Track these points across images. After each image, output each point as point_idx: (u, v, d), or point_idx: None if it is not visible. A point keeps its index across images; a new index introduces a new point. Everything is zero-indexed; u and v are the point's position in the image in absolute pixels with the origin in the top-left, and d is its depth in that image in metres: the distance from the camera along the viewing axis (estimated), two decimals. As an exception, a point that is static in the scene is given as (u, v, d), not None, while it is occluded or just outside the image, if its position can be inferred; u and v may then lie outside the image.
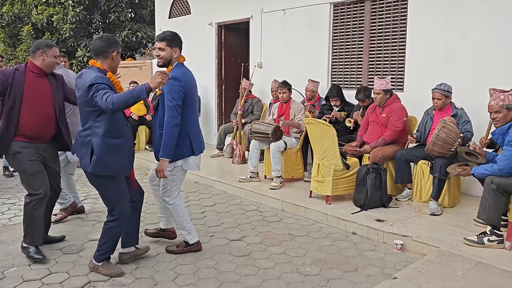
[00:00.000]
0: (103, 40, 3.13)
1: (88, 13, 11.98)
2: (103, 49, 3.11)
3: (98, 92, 2.89)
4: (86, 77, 3.00)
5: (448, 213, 4.43)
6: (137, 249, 3.55)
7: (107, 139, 3.05)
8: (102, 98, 2.85)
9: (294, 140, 5.69)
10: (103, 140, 3.03)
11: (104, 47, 3.11)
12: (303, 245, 3.89)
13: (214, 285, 3.16)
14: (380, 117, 5.00)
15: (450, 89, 4.57)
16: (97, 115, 3.02)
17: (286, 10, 7.01)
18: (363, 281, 3.23)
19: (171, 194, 3.55)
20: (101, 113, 3.01)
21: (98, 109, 2.98)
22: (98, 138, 3.03)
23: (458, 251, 3.50)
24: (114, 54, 3.15)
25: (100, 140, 3.03)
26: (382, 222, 4.15)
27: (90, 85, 2.94)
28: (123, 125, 3.18)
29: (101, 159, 3.04)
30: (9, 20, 12.23)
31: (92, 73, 3.02)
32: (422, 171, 4.68)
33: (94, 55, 3.15)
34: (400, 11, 5.66)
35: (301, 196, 5.04)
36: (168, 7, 9.57)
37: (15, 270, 3.33)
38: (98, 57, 3.13)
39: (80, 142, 3.13)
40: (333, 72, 6.57)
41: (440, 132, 4.26)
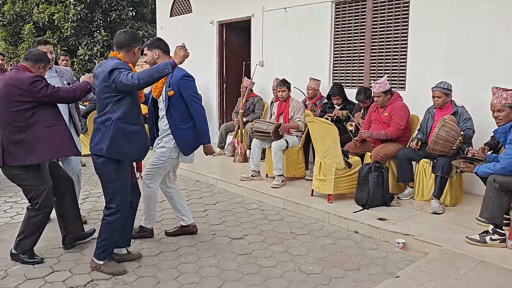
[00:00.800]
0: (128, 35, 3.23)
1: (89, 11, 11.98)
2: (127, 43, 3.20)
3: (121, 73, 2.97)
4: (108, 64, 3.08)
5: (450, 211, 4.43)
6: (129, 253, 3.53)
7: (123, 124, 3.10)
8: (128, 76, 2.94)
9: (295, 139, 5.69)
10: (119, 125, 3.08)
11: (128, 41, 3.21)
12: (305, 244, 3.89)
13: (217, 284, 3.16)
14: (382, 116, 5.00)
15: (450, 87, 4.57)
16: (116, 100, 3.08)
17: (287, 9, 7.01)
18: (365, 280, 3.24)
19: (154, 178, 3.74)
20: (120, 99, 3.07)
21: (117, 94, 3.05)
22: (115, 123, 3.08)
23: (460, 250, 3.50)
24: (136, 49, 3.25)
25: (117, 125, 3.08)
26: (384, 221, 4.16)
27: (112, 69, 3.01)
28: (139, 113, 3.24)
29: (115, 142, 3.08)
30: (10, 18, 12.24)
31: (114, 60, 3.12)
32: (424, 169, 4.68)
33: (117, 47, 3.22)
34: (402, 10, 5.65)
35: (303, 194, 5.04)
36: (169, 5, 9.57)
37: (18, 268, 3.34)
38: (120, 49, 3.21)
39: (96, 128, 3.16)
40: (334, 71, 6.56)
41: (441, 131, 4.26)
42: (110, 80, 3.01)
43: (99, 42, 11.84)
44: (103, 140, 3.10)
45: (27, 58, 3.44)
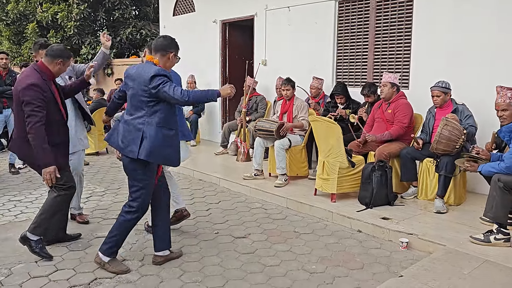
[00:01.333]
0: (166, 40, 3.29)
1: (92, 10, 12.00)
2: (164, 47, 3.24)
3: (165, 84, 3.01)
4: (147, 69, 3.09)
5: (454, 211, 4.42)
6: (171, 252, 3.54)
7: (163, 129, 3.13)
8: (175, 90, 3.00)
9: (298, 138, 5.68)
10: (158, 130, 3.11)
11: (166, 46, 3.25)
12: (308, 243, 3.89)
13: (220, 282, 3.17)
14: (386, 113, 4.99)
15: (448, 85, 4.56)
16: (153, 105, 3.10)
17: (290, 7, 7.00)
18: (369, 279, 3.23)
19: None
20: (158, 104, 3.11)
21: (155, 100, 3.09)
22: (153, 127, 3.10)
23: (464, 249, 3.49)
24: (171, 55, 3.28)
25: (155, 129, 3.10)
26: (388, 220, 4.15)
27: (153, 75, 3.03)
28: (175, 118, 3.26)
29: (156, 147, 3.09)
30: (14, 17, 12.29)
31: (153, 66, 3.12)
32: (427, 169, 4.67)
33: (153, 51, 3.25)
34: (406, 8, 5.64)
35: (306, 193, 5.04)
36: (172, 4, 9.57)
37: (22, 267, 3.35)
38: (156, 53, 3.24)
39: (127, 130, 3.17)
40: (338, 70, 6.55)
41: (443, 130, 4.25)
42: (150, 85, 3.03)
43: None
44: (134, 142, 3.10)
45: (47, 53, 3.45)
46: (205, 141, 8.76)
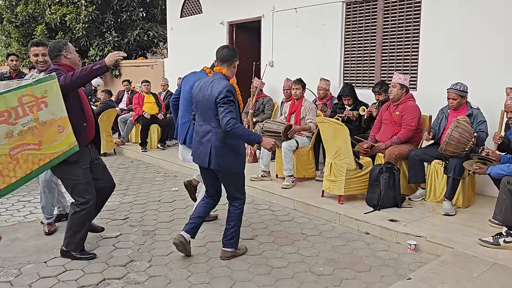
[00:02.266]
0: (230, 50, 3.48)
1: (100, 12, 12.08)
2: (229, 57, 3.43)
3: (224, 106, 3.20)
4: (217, 83, 3.29)
5: (462, 213, 4.39)
6: (236, 249, 3.64)
7: (228, 139, 3.30)
8: (226, 115, 3.18)
9: (306, 139, 5.68)
10: (224, 140, 3.30)
11: (231, 56, 3.44)
12: (315, 245, 3.88)
13: (227, 284, 3.17)
14: (394, 114, 4.97)
15: (466, 88, 4.51)
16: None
17: (298, 9, 7.00)
18: (376, 282, 3.22)
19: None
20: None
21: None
22: (219, 137, 3.30)
23: (473, 252, 3.46)
24: (236, 63, 3.50)
25: (221, 140, 3.30)
26: (396, 222, 4.13)
27: (221, 95, 3.21)
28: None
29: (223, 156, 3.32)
30: (23, 19, 12.39)
31: (223, 81, 3.31)
32: (436, 170, 4.64)
33: (220, 61, 3.45)
34: (414, 9, 5.61)
35: (313, 195, 5.03)
36: (180, 6, 9.61)
37: (31, 267, 3.38)
38: (223, 64, 3.43)
39: (199, 140, 3.41)
40: (345, 71, 6.54)
41: (454, 132, 4.22)
42: (218, 99, 3.22)
43: (110, 43, 11.93)
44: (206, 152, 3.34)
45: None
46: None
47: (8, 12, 12.74)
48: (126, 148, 8.36)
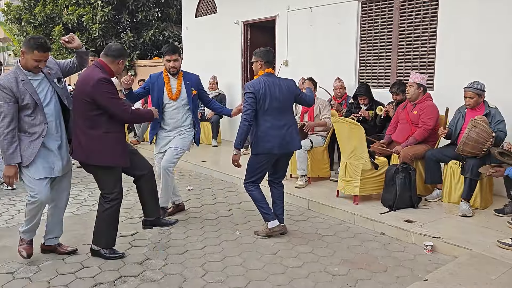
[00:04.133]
0: (273, 52, 4.08)
1: (116, 12, 12.20)
2: (272, 59, 4.04)
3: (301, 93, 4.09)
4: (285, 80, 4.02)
5: (479, 214, 4.33)
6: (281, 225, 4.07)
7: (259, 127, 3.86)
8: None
9: (320, 139, 5.66)
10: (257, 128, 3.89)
11: (274, 57, 4.10)
12: (330, 245, 3.87)
13: (242, 283, 3.18)
14: (411, 114, 4.93)
15: (483, 87, 4.45)
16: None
17: (313, 8, 6.97)
18: (392, 282, 3.19)
19: (175, 165, 4.42)
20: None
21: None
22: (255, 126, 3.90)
23: (491, 254, 3.42)
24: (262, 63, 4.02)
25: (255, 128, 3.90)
26: (412, 223, 4.09)
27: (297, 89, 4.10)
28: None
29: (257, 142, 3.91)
30: (41, 20, 12.58)
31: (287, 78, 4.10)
32: (452, 171, 4.59)
33: (270, 64, 3.99)
34: (431, 7, 5.55)
35: (328, 195, 5.01)
36: (195, 6, 9.66)
37: (50, 264, 3.43)
38: (271, 65, 4.00)
39: (284, 132, 3.89)
40: (360, 70, 6.50)
41: (471, 132, 4.17)
42: (296, 93, 3.99)
43: (125, 43, 12.04)
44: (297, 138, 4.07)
45: (107, 53, 3.43)
46: (226, 142, 8.80)
47: (26, 13, 12.96)
48: (141, 147, 8.43)
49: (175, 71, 4.29)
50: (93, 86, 3.24)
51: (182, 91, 4.35)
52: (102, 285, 3.12)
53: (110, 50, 3.44)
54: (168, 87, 4.34)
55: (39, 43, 3.10)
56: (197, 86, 4.45)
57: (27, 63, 3.15)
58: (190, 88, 4.36)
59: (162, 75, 4.39)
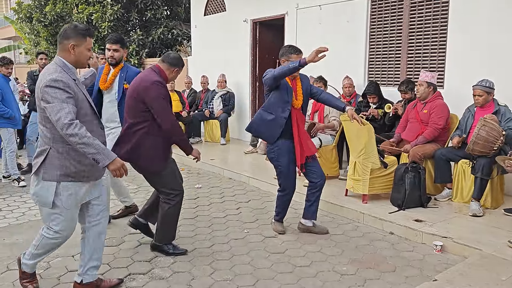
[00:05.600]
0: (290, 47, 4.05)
1: (125, 11, 12.24)
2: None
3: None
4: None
5: (490, 214, 4.29)
6: (314, 226, 4.10)
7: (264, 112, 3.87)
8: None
9: (329, 138, 5.64)
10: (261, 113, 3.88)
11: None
12: (339, 244, 3.86)
13: (250, 281, 3.18)
14: (421, 113, 4.88)
15: (492, 85, 4.40)
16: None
17: (322, 6, 6.94)
18: (401, 282, 3.18)
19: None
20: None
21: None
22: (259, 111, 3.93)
23: (502, 255, 3.38)
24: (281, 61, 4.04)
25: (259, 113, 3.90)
26: (421, 223, 4.06)
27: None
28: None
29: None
30: (51, 19, 12.68)
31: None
32: (463, 170, 4.54)
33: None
34: (442, 5, 5.49)
35: (337, 194, 4.99)
36: (204, 4, 9.66)
37: (59, 261, 3.47)
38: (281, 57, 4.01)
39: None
40: (370, 69, 6.46)
41: (481, 131, 4.12)
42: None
43: (134, 41, 12.08)
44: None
45: (164, 60, 3.44)
46: (235, 140, 8.81)
47: (37, 11, 13.07)
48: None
49: (114, 61, 4.06)
50: (147, 87, 3.27)
51: (115, 82, 4.09)
52: (111, 283, 3.14)
53: (169, 57, 3.46)
54: (104, 76, 4.10)
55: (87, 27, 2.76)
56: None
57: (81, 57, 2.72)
58: (123, 80, 4.07)
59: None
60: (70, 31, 2.66)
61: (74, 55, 2.67)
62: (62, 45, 2.67)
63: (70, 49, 2.65)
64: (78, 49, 2.67)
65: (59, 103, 2.51)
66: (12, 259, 3.48)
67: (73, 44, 2.65)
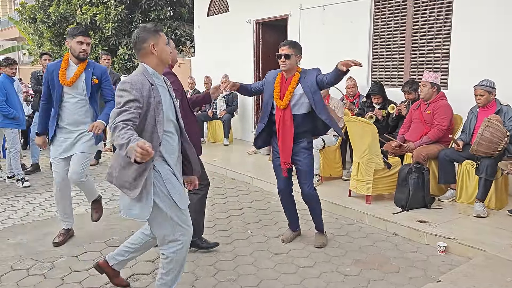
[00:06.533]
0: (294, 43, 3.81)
1: (129, 12, 12.27)
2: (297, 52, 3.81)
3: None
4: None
5: (494, 215, 4.27)
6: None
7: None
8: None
9: (332, 138, 5.63)
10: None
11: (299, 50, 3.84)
12: (342, 245, 3.85)
13: (254, 282, 3.18)
14: (424, 113, 4.87)
15: (493, 84, 4.40)
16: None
17: (325, 6, 6.93)
18: (405, 283, 3.17)
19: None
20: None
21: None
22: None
23: (506, 256, 3.37)
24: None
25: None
26: (425, 223, 4.05)
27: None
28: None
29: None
30: (55, 20, 12.72)
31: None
32: (467, 171, 4.53)
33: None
34: (445, 5, 5.48)
35: (340, 195, 4.98)
36: (207, 5, 9.67)
37: (63, 261, 3.48)
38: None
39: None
40: (373, 69, 6.44)
41: (485, 131, 4.11)
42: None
43: (138, 42, 12.12)
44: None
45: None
46: (238, 141, 8.81)
47: (41, 12, 13.12)
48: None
49: (86, 55, 3.66)
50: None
51: (80, 77, 3.66)
52: (115, 283, 3.15)
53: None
54: (63, 72, 3.62)
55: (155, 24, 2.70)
56: (101, 76, 3.78)
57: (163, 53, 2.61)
58: (91, 75, 3.69)
59: (60, 62, 3.72)
60: (144, 34, 2.57)
61: (157, 54, 2.58)
62: (143, 50, 2.57)
63: (152, 50, 2.56)
64: (158, 47, 2.58)
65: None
66: (16, 259, 3.49)
67: (152, 44, 2.57)
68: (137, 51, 2.58)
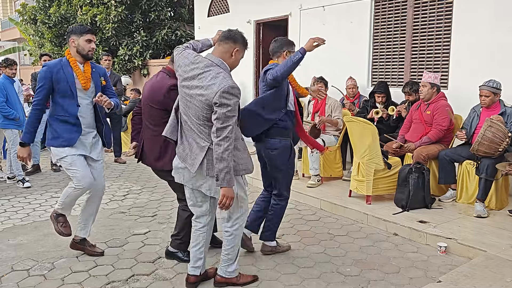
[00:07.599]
0: (277, 42, 3.69)
1: (129, 12, 12.28)
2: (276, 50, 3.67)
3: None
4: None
5: (495, 215, 4.27)
6: (279, 245, 3.69)
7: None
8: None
9: (332, 138, 5.63)
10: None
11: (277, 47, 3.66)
12: (342, 245, 3.85)
13: (254, 282, 3.17)
14: (424, 114, 4.87)
15: (499, 86, 4.39)
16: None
17: (325, 7, 6.94)
18: (405, 284, 3.16)
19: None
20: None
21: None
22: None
23: (507, 256, 3.36)
24: (284, 54, 3.64)
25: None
26: (425, 224, 4.05)
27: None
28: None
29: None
30: (56, 20, 12.74)
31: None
32: (467, 171, 4.53)
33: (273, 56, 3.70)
34: (446, 5, 5.48)
35: (340, 195, 4.98)
36: (207, 5, 9.68)
37: (64, 261, 3.48)
38: (273, 56, 3.68)
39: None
40: (373, 69, 6.45)
41: (487, 131, 4.11)
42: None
43: (138, 43, 12.12)
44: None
45: (172, 60, 3.22)
46: (238, 141, 8.80)
47: (41, 13, 13.14)
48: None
49: (93, 54, 3.51)
50: (165, 94, 3.16)
51: (93, 81, 3.50)
52: (115, 283, 3.15)
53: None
54: (81, 75, 3.40)
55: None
56: (104, 77, 3.63)
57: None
58: (98, 76, 3.54)
59: (64, 62, 3.39)
60: (239, 36, 2.72)
61: (233, 60, 2.72)
62: (228, 46, 2.68)
63: (233, 53, 2.68)
64: (237, 56, 2.74)
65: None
66: (16, 260, 3.49)
67: (237, 49, 2.71)
68: (221, 40, 2.78)
